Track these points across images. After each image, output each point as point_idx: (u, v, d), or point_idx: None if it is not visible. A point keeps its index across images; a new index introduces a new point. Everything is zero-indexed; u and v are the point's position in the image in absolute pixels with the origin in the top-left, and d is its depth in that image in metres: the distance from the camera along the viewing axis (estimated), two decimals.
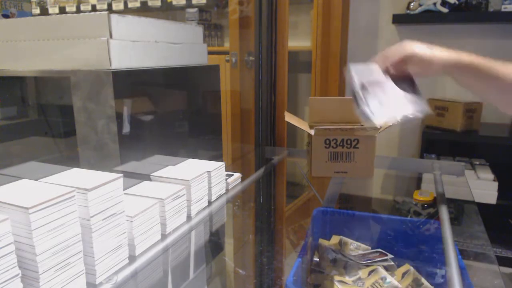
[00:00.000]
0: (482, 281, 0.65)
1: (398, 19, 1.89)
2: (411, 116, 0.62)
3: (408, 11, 1.84)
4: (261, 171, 1.18)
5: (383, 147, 2.12)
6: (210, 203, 0.86)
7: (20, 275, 0.45)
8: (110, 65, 0.72)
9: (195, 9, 2.27)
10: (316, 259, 0.79)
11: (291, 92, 2.26)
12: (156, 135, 0.84)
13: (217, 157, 1.10)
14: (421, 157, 1.77)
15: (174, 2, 2.30)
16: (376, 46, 2.05)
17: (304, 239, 0.76)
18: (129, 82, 0.75)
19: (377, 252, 0.77)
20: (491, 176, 1.61)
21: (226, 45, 2.35)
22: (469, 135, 1.71)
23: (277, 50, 1.49)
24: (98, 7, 2.59)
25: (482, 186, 1.59)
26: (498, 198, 1.58)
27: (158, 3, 2.36)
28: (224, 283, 0.73)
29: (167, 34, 0.90)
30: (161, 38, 0.87)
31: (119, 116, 0.71)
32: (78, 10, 2.68)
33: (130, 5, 2.47)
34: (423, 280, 0.71)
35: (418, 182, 1.26)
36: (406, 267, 0.75)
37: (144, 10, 2.48)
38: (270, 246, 0.78)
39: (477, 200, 0.94)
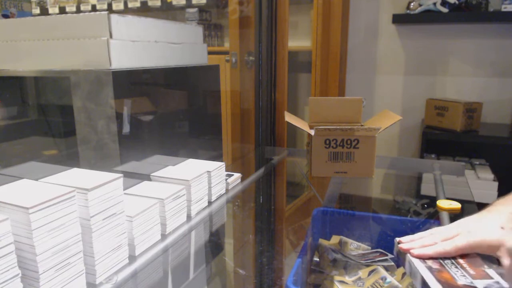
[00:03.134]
0: None
1: (398, 19, 1.89)
2: None
3: (408, 11, 1.84)
4: (261, 171, 1.18)
5: (383, 147, 2.12)
6: (210, 203, 0.86)
7: (20, 275, 0.45)
8: (110, 65, 0.72)
9: (195, 9, 2.27)
10: (316, 259, 0.79)
11: (291, 92, 2.27)
12: (156, 135, 0.84)
13: (217, 157, 1.10)
14: (421, 157, 1.77)
15: (174, 2, 2.31)
16: (376, 46, 2.05)
17: (304, 239, 0.76)
18: (129, 82, 0.75)
19: (377, 252, 0.77)
20: (491, 176, 1.61)
21: (226, 45, 2.35)
22: (469, 135, 1.71)
23: (277, 50, 1.49)
24: (98, 7, 2.59)
25: (482, 186, 1.59)
26: (498, 198, 1.58)
27: (158, 3, 2.37)
28: (224, 283, 0.73)
29: (167, 34, 0.90)
30: (161, 38, 0.87)
31: (119, 116, 0.71)
32: (78, 10, 2.69)
33: (130, 5, 2.47)
34: None
35: (418, 182, 1.26)
36: None
37: (144, 10, 2.49)
38: (270, 246, 0.78)
39: (477, 200, 0.94)
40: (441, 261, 0.57)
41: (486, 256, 0.57)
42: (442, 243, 0.58)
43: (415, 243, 0.60)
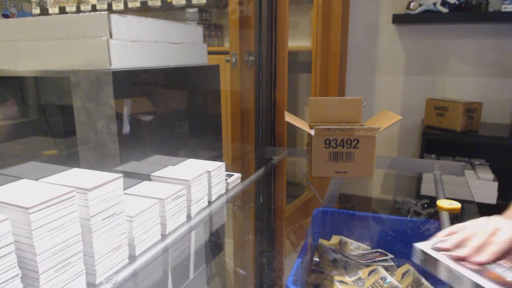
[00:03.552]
0: None
1: (398, 19, 1.89)
2: None
3: (408, 11, 1.84)
4: (261, 171, 1.18)
5: (383, 147, 2.12)
6: (210, 203, 0.86)
7: (20, 275, 0.45)
8: (110, 65, 0.72)
9: (195, 9, 2.27)
10: (316, 259, 0.79)
11: (291, 92, 2.26)
12: (156, 135, 0.84)
13: (217, 157, 1.10)
14: (421, 157, 1.77)
15: (174, 2, 2.30)
16: (376, 46, 2.05)
17: (304, 239, 0.76)
18: (129, 82, 0.75)
19: (377, 252, 0.77)
20: (491, 176, 1.61)
21: (226, 45, 2.35)
22: (469, 135, 1.71)
23: (277, 50, 1.49)
24: (98, 7, 2.59)
25: (482, 186, 1.59)
26: (498, 198, 1.58)
27: (158, 3, 2.36)
28: (224, 283, 0.73)
29: (167, 34, 0.90)
30: (161, 38, 0.87)
31: (119, 116, 0.71)
32: (78, 10, 2.68)
33: (130, 5, 2.47)
34: (423, 280, 0.71)
35: (418, 182, 1.26)
36: (406, 267, 0.75)
37: (144, 10, 2.48)
38: (270, 246, 0.78)
39: (477, 200, 0.94)
40: None
41: None
42: (493, 247, 0.54)
43: (462, 251, 0.55)
